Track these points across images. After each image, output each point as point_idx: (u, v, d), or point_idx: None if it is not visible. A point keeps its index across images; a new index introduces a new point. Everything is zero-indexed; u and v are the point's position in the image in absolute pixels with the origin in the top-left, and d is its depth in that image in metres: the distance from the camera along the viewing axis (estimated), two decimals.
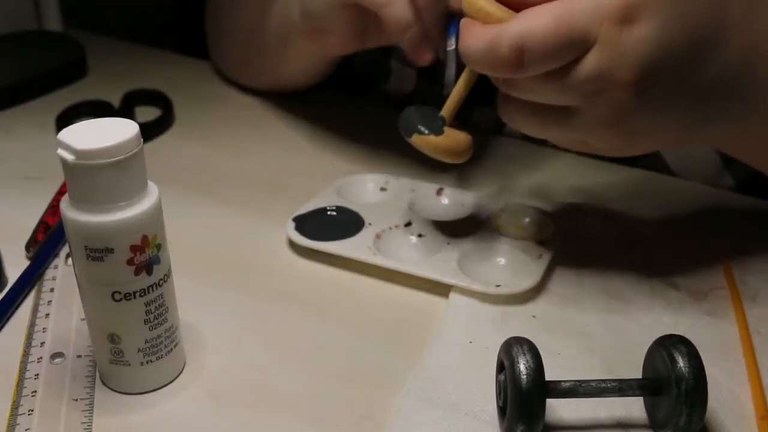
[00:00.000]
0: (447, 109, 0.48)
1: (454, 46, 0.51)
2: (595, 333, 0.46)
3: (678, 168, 0.63)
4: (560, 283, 0.50)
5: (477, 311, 0.47)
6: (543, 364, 0.37)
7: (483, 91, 0.47)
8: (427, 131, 0.47)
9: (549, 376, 0.37)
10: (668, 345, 0.37)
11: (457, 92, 0.47)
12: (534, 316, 0.47)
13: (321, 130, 0.70)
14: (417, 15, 0.50)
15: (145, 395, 0.42)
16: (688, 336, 0.38)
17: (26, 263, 0.51)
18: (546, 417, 0.37)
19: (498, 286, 0.48)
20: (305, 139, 0.68)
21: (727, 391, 0.42)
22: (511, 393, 0.37)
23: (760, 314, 0.47)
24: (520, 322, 0.47)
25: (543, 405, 0.37)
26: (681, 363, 0.36)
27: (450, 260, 0.50)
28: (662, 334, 0.39)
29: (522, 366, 0.36)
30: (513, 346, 0.37)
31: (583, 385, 0.38)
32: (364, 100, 0.76)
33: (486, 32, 0.41)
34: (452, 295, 0.49)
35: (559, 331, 0.46)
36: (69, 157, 0.37)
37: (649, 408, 0.40)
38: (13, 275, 0.50)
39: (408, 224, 0.54)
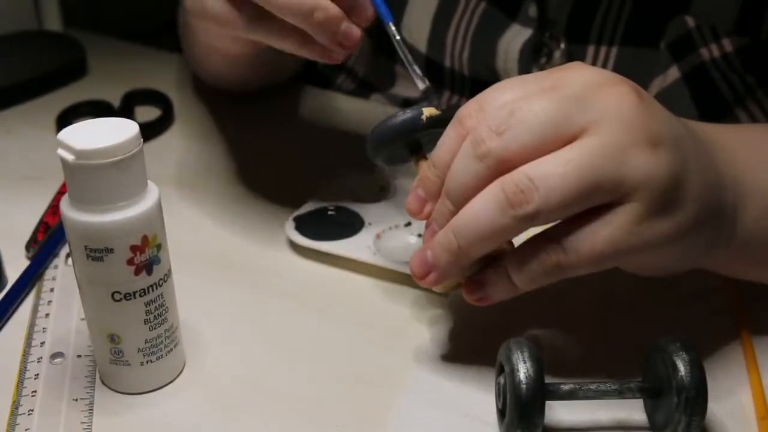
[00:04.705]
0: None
1: (398, 36, 0.47)
2: (596, 332, 0.46)
3: None
4: (560, 283, 0.50)
5: (477, 310, 0.47)
6: (543, 369, 0.37)
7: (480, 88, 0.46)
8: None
9: (549, 375, 0.37)
10: (670, 350, 0.37)
11: None
12: (534, 315, 0.47)
13: (321, 130, 0.70)
14: None
15: (145, 395, 0.42)
16: (688, 335, 0.38)
17: (26, 263, 0.51)
18: (546, 417, 0.37)
19: None
20: (306, 138, 0.68)
21: (727, 391, 0.42)
22: (510, 401, 0.37)
23: (761, 314, 0.47)
24: (520, 321, 0.47)
25: (542, 413, 0.37)
26: (682, 371, 0.36)
27: None
28: (663, 335, 0.39)
29: (522, 375, 0.36)
30: (513, 351, 0.37)
31: (582, 388, 0.38)
32: (365, 101, 0.76)
33: None
34: (452, 295, 0.49)
35: (559, 331, 0.46)
36: (69, 157, 0.37)
37: (649, 410, 0.40)
38: (13, 275, 0.50)
39: (408, 224, 0.54)
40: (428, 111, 0.44)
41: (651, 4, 0.58)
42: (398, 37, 0.47)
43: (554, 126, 0.37)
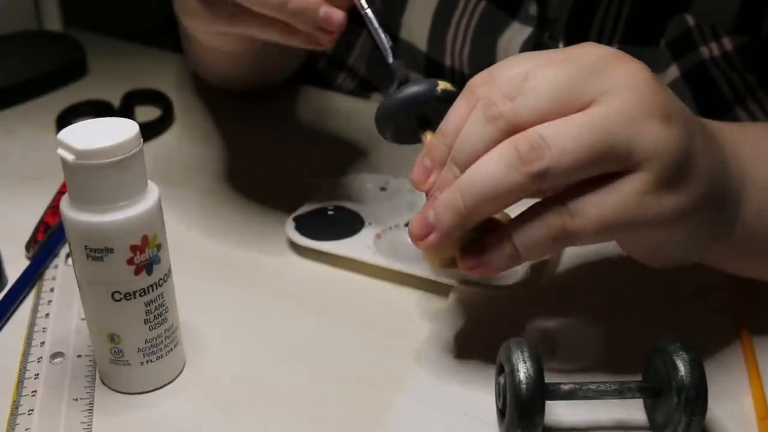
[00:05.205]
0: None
1: (367, 8, 0.45)
2: (596, 332, 0.46)
3: None
4: (561, 282, 0.50)
5: (477, 310, 0.47)
6: (543, 369, 0.37)
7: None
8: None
9: (549, 375, 0.37)
10: (670, 350, 0.37)
11: None
12: (534, 315, 0.47)
13: (321, 130, 0.70)
14: None
15: (145, 395, 0.42)
16: (688, 335, 0.38)
17: (26, 263, 0.51)
18: (546, 417, 0.37)
19: (498, 285, 0.48)
20: (306, 138, 0.68)
21: (727, 392, 0.42)
22: (510, 401, 0.37)
23: (761, 314, 0.47)
24: (520, 320, 0.47)
25: (542, 413, 0.37)
26: (682, 371, 0.36)
27: None
28: (663, 334, 0.39)
29: (522, 375, 0.36)
30: (513, 351, 0.37)
31: (582, 388, 0.38)
32: (365, 100, 0.76)
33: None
34: (452, 295, 0.49)
35: (559, 330, 0.46)
36: (69, 157, 0.37)
37: (649, 409, 0.40)
38: (13, 275, 0.50)
39: (408, 224, 0.54)
40: (443, 84, 0.43)
41: (651, 3, 0.58)
42: (367, 10, 0.46)
43: (567, 92, 0.36)
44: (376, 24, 0.46)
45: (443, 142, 0.40)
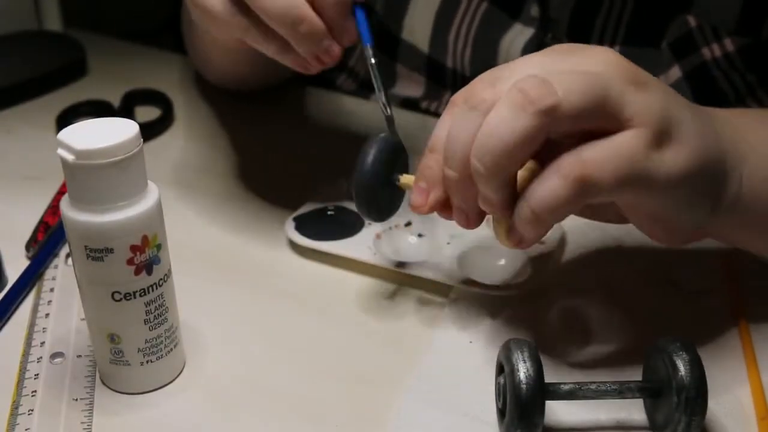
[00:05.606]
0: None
1: (373, 59, 0.47)
2: (596, 332, 0.46)
3: None
4: (561, 282, 0.50)
5: (477, 311, 0.47)
6: (543, 369, 0.37)
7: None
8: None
9: (549, 376, 0.37)
10: (670, 350, 0.37)
11: None
12: (535, 315, 0.47)
13: (321, 130, 0.70)
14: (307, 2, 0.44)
15: (145, 395, 0.42)
16: (688, 335, 0.38)
17: (26, 263, 0.51)
18: (546, 417, 0.37)
19: (498, 285, 0.48)
20: (306, 138, 0.68)
21: (727, 391, 0.42)
22: (510, 401, 0.37)
23: (761, 313, 0.47)
24: (520, 321, 0.47)
25: (542, 413, 0.37)
26: (682, 371, 0.36)
27: (450, 260, 0.50)
28: (663, 334, 0.39)
29: (522, 374, 0.36)
30: (513, 351, 0.37)
31: (582, 388, 0.38)
32: (365, 101, 0.76)
33: None
34: (452, 295, 0.49)
35: (559, 331, 0.46)
36: (69, 157, 0.37)
37: (649, 409, 0.40)
38: (13, 275, 0.50)
39: (408, 224, 0.54)
40: (384, 133, 0.46)
41: (653, 4, 0.58)
42: (373, 61, 0.47)
43: (545, 71, 0.37)
44: (378, 77, 0.48)
45: (433, 158, 0.40)
